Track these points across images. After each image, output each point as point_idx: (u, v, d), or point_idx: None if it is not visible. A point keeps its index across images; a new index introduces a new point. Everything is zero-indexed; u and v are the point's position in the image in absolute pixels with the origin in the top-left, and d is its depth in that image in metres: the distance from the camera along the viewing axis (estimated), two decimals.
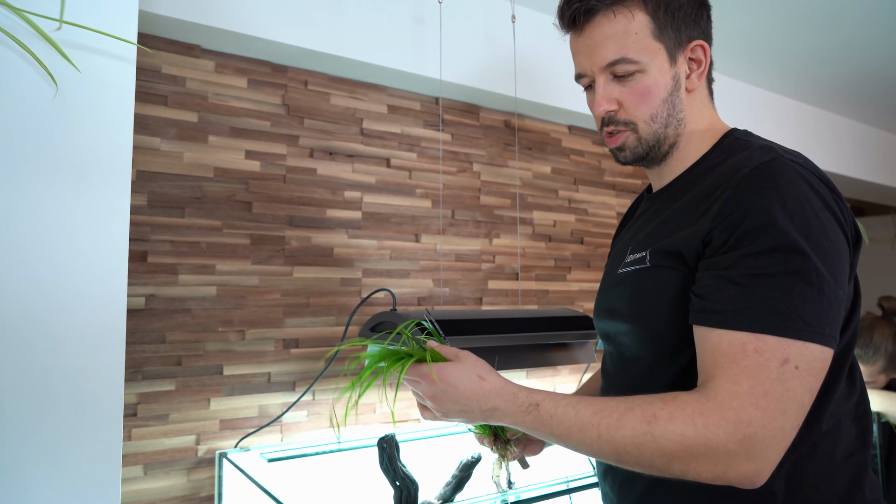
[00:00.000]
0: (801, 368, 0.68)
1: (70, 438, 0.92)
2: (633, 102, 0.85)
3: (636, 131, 0.86)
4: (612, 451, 0.71)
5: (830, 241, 0.71)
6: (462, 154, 1.87)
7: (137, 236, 1.36)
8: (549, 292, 2.03)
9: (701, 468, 0.68)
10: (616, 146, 0.89)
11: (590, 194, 2.16)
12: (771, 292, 0.69)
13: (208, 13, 1.36)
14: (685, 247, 0.77)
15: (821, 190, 0.74)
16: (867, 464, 0.81)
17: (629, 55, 0.82)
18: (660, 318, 0.81)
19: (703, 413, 0.68)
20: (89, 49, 0.90)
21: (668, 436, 0.68)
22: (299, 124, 1.59)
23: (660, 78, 0.84)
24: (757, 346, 0.68)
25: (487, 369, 0.80)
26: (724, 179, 0.77)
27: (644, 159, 0.89)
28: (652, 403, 0.71)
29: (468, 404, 0.79)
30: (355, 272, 1.64)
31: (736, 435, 0.66)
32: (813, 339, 0.68)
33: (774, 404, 0.67)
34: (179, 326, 1.39)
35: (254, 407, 1.47)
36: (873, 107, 2.87)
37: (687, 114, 0.88)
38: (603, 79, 0.85)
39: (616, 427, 0.70)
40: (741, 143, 0.84)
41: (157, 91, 1.41)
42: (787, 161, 0.75)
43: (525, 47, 1.82)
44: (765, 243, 0.70)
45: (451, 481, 1.30)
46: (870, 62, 2.35)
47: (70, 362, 0.92)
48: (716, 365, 0.70)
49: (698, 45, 0.86)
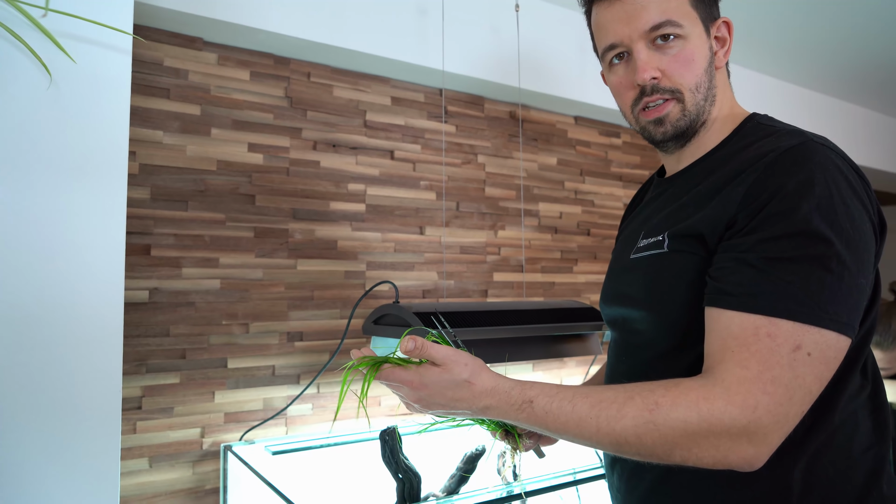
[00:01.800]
0: (813, 356, 0.66)
1: (69, 432, 0.92)
2: (677, 69, 0.81)
3: (681, 100, 0.82)
4: (612, 443, 0.69)
5: (856, 227, 0.69)
6: (467, 146, 1.86)
7: (140, 230, 1.36)
8: (555, 284, 2.01)
9: (703, 453, 0.67)
10: (657, 117, 0.84)
11: (596, 185, 2.14)
12: (789, 277, 0.67)
13: (210, 5, 1.36)
14: (707, 229, 0.75)
15: (850, 176, 0.72)
16: (885, 458, 0.79)
17: (673, 17, 0.80)
18: (677, 305, 0.79)
19: (709, 398, 0.66)
20: (84, 39, 0.90)
21: (670, 423, 0.66)
22: (302, 117, 1.59)
23: (700, 46, 0.82)
24: (770, 330, 0.67)
25: (477, 370, 0.76)
26: (749, 163, 0.75)
27: (682, 136, 0.85)
28: (653, 391, 0.69)
29: (457, 406, 0.76)
30: (359, 265, 1.64)
31: (741, 419, 0.65)
32: (829, 326, 0.66)
33: (782, 390, 0.65)
34: (183, 320, 1.40)
35: (258, 400, 1.47)
36: (888, 95, 2.82)
37: (718, 91, 0.86)
38: (642, 45, 0.81)
39: (616, 418, 0.68)
40: (765, 127, 0.82)
41: (159, 84, 1.40)
42: (817, 145, 0.73)
43: (529, 37, 1.80)
44: (787, 227, 0.68)
45: (456, 474, 1.29)
46: (884, 50, 2.30)
47: (68, 357, 0.92)
48: (725, 348, 0.69)
49: (723, 23, 0.85)
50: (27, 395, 0.89)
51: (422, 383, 0.75)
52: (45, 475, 0.90)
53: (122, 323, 0.96)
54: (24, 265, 0.89)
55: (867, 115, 3.00)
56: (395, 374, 0.76)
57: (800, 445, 0.73)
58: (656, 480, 0.83)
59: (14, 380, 0.88)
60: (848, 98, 2.85)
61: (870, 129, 3.01)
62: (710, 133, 0.86)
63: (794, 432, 0.69)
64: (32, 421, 0.89)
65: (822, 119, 2.78)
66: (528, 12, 1.80)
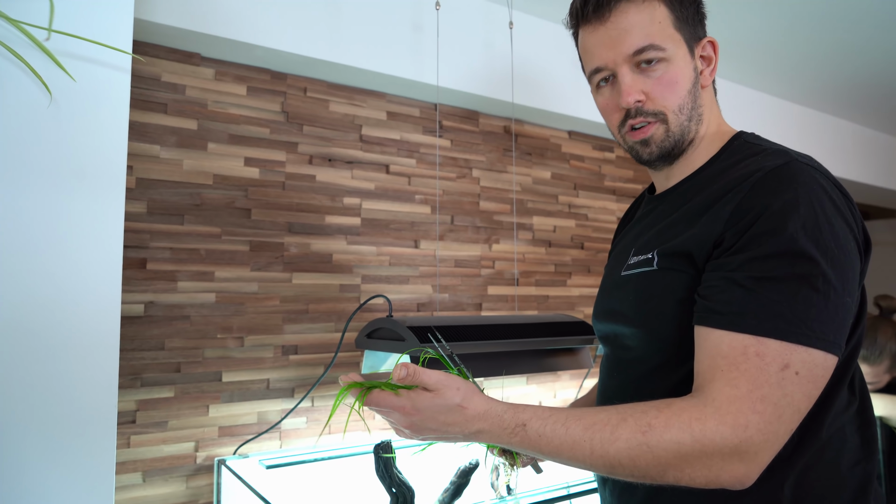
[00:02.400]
0: (801, 374, 0.67)
1: (64, 446, 0.92)
2: (660, 92, 0.83)
3: (665, 122, 0.84)
4: (606, 465, 0.70)
5: (841, 246, 0.71)
6: (461, 160, 1.88)
7: (137, 243, 1.37)
8: (549, 298, 2.02)
9: (695, 473, 0.68)
10: (643, 139, 0.85)
11: (590, 199, 2.16)
12: (776, 296, 0.68)
13: (208, 21, 1.37)
14: (695, 248, 0.77)
15: (834, 195, 0.74)
16: (873, 474, 0.80)
17: (656, 41, 0.82)
18: (665, 322, 0.80)
19: (701, 419, 0.67)
20: (84, 58, 0.91)
21: (664, 445, 0.67)
22: (298, 131, 1.60)
23: (684, 67, 0.84)
24: (758, 349, 0.68)
25: (469, 395, 0.75)
26: (736, 182, 0.76)
27: (668, 156, 0.87)
28: (646, 413, 0.70)
29: (449, 431, 0.75)
30: (354, 278, 1.65)
31: (733, 439, 0.66)
32: (816, 345, 0.68)
33: (771, 409, 0.66)
34: (178, 333, 1.40)
35: (252, 413, 1.47)
36: (877, 111, 2.86)
37: (704, 110, 0.87)
38: (627, 69, 0.83)
39: (610, 441, 0.69)
40: (752, 146, 0.83)
41: (156, 99, 1.42)
42: (802, 165, 0.74)
43: (523, 53, 1.83)
44: (774, 247, 0.70)
45: (450, 488, 1.30)
46: (873, 66, 2.34)
47: (64, 370, 0.92)
48: (714, 367, 0.70)
49: (709, 42, 0.87)
50: (23, 408, 0.89)
51: (414, 408, 0.74)
52: (41, 488, 0.90)
53: (119, 336, 0.96)
54: (22, 279, 0.90)
55: (855, 129, 3.04)
56: (386, 399, 0.75)
57: (788, 461, 0.74)
58: (647, 496, 0.84)
59: (10, 392, 0.88)
60: (836, 113, 2.89)
61: (858, 143, 3.05)
62: (698, 151, 0.88)
63: (783, 448, 0.70)
64: (28, 434, 0.90)
65: (811, 134, 2.81)
66: (522, 29, 1.83)
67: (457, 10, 1.74)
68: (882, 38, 2.10)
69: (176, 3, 1.34)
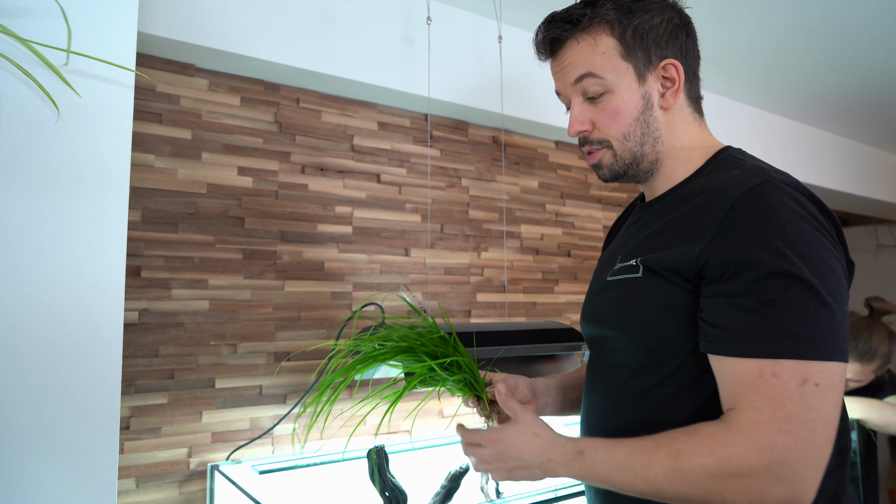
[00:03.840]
0: (821, 385, 0.68)
1: (67, 451, 0.93)
2: (604, 122, 0.89)
3: (611, 148, 0.90)
4: (651, 490, 0.73)
5: (827, 263, 0.73)
6: (451, 169, 1.91)
7: (131, 251, 1.38)
8: (536, 304, 2.06)
9: (736, 497, 0.69)
10: (594, 163, 0.93)
11: (577, 208, 2.20)
12: (783, 315, 0.70)
13: (202, 34, 1.40)
14: (678, 259, 0.79)
15: (813, 211, 0.76)
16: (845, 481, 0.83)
17: (595, 70, 0.87)
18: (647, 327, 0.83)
19: (723, 444, 0.69)
20: (90, 75, 0.94)
21: (695, 469, 0.70)
22: (291, 141, 1.63)
23: (628, 98, 0.88)
24: (774, 370, 0.69)
25: (542, 425, 0.84)
26: (714, 199, 0.79)
27: (623, 176, 0.92)
28: (675, 439, 0.73)
29: (528, 460, 0.82)
30: (346, 286, 1.67)
31: (761, 461, 0.67)
32: (830, 357, 0.70)
33: (800, 426, 0.67)
34: (172, 340, 1.41)
35: (245, 420, 1.49)
36: (856, 122, 2.94)
37: (664, 132, 0.90)
38: (577, 100, 0.90)
39: (647, 466, 0.72)
40: (734, 161, 0.86)
41: (151, 109, 1.44)
42: (779, 184, 0.77)
43: (512, 66, 1.87)
44: (770, 267, 0.72)
45: (441, 491, 1.32)
46: (851, 78, 2.41)
47: (67, 375, 0.94)
48: (736, 393, 0.71)
49: (670, 64, 0.89)
50: (26, 414, 0.91)
51: (499, 437, 0.83)
52: (43, 493, 0.91)
53: (122, 343, 0.98)
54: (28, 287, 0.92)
55: (834, 140, 3.12)
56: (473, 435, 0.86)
57: None
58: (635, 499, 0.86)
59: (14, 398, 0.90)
60: (816, 124, 2.97)
61: (838, 153, 3.13)
62: (678, 164, 0.91)
63: None
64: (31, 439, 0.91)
65: (792, 144, 2.88)
66: (511, 42, 1.87)
67: (447, 24, 1.77)
68: (864, 52, 2.16)
69: (171, 16, 1.36)
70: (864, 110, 2.77)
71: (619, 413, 0.87)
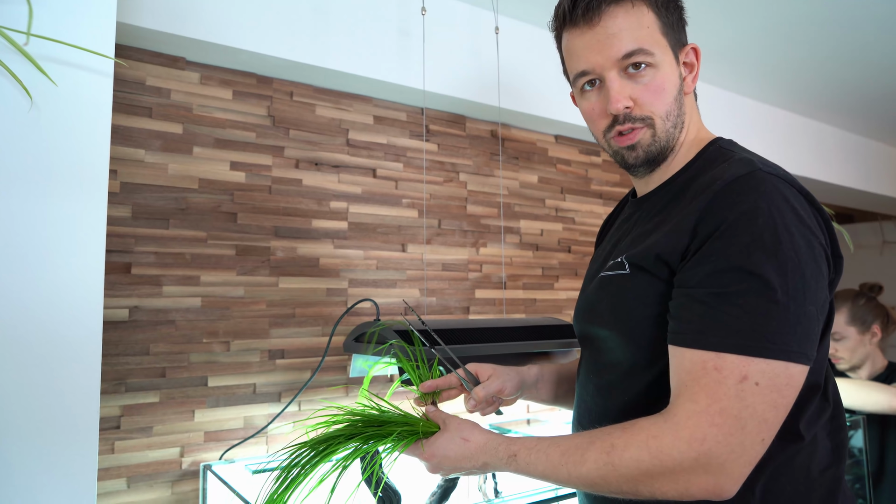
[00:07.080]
0: (761, 385, 0.68)
1: (44, 452, 0.91)
2: (648, 98, 0.83)
3: (653, 126, 0.84)
4: (584, 485, 0.75)
5: (801, 256, 0.71)
6: (448, 164, 1.88)
7: (121, 248, 1.36)
8: (536, 301, 2.03)
9: (665, 488, 0.70)
10: (630, 144, 0.85)
11: (577, 203, 2.17)
12: (732, 311, 0.69)
13: (193, 26, 1.37)
14: (666, 254, 0.77)
15: (797, 203, 0.73)
16: (841, 478, 0.82)
17: (645, 46, 0.81)
18: (637, 324, 0.81)
19: (657, 436, 0.70)
20: (66, 63, 0.91)
21: (625, 463, 0.71)
22: (285, 135, 1.60)
23: (670, 74, 0.84)
24: (717, 363, 0.69)
25: (470, 428, 0.85)
26: (700, 191, 0.77)
27: (653, 161, 0.87)
28: (610, 434, 0.74)
29: (462, 465, 0.84)
30: (341, 282, 1.64)
31: (690, 453, 0.68)
32: (776, 356, 0.68)
33: (731, 421, 0.68)
34: (164, 338, 1.39)
35: (239, 418, 1.47)
36: (860, 116, 2.90)
37: (686, 117, 0.87)
38: (615, 74, 0.82)
39: (580, 463, 0.74)
40: (724, 152, 0.84)
41: (141, 103, 1.41)
42: (765, 174, 0.74)
43: (509, 58, 1.84)
44: (731, 261, 0.70)
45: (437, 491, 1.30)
46: (857, 73, 2.37)
47: (45, 375, 0.92)
48: (680, 384, 0.72)
49: (692, 49, 0.87)
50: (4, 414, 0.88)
51: (431, 454, 0.86)
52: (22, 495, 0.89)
53: (101, 342, 0.95)
54: (2, 282, 0.89)
55: (838, 134, 3.08)
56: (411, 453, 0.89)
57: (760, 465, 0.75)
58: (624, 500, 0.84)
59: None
60: (820, 118, 2.93)
61: (842, 148, 3.09)
62: (676, 157, 0.88)
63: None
64: (9, 439, 0.89)
65: (796, 139, 2.85)
66: (508, 33, 1.84)
67: (443, 15, 1.74)
68: (870, 46, 2.13)
69: (160, 7, 1.33)
70: (870, 105, 2.74)
71: (612, 412, 0.85)
